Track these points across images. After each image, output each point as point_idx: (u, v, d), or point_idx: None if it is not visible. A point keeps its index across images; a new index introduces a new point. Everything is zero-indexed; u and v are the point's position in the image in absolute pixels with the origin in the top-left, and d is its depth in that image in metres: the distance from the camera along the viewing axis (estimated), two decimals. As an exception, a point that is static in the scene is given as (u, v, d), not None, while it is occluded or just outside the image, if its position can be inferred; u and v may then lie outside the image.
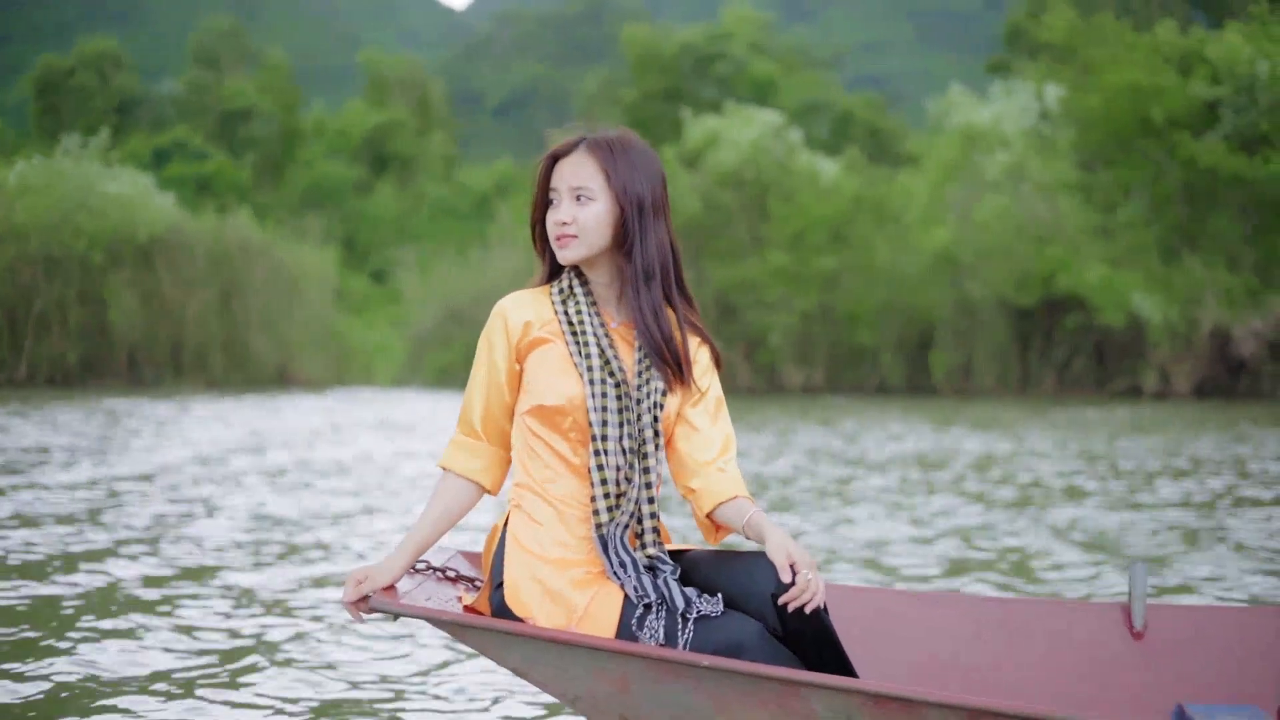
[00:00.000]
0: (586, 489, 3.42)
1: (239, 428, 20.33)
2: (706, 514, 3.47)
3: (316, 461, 14.38)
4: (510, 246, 45.62)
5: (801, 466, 14.03)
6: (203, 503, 10.22)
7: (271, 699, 4.55)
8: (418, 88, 70.95)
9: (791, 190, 40.46)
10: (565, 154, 3.48)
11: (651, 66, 64.54)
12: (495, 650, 3.19)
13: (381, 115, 68.42)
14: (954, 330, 39.31)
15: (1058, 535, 8.82)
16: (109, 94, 66.70)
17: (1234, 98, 37.03)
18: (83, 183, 38.62)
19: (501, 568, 3.42)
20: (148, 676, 4.78)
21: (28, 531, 8.30)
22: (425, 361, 46.76)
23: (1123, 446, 17.05)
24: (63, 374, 39.00)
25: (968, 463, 14.51)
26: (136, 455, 14.35)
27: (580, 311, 3.49)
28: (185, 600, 6.20)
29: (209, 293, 41.03)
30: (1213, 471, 13.43)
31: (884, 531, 8.92)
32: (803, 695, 2.95)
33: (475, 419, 3.48)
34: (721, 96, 62.30)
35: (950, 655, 3.87)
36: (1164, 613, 3.92)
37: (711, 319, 39.64)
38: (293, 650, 5.23)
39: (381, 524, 9.24)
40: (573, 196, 3.45)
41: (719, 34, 63.02)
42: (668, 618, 3.22)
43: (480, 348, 3.49)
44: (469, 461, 3.47)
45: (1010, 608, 3.93)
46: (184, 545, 7.95)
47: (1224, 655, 3.83)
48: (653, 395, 3.44)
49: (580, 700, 3.18)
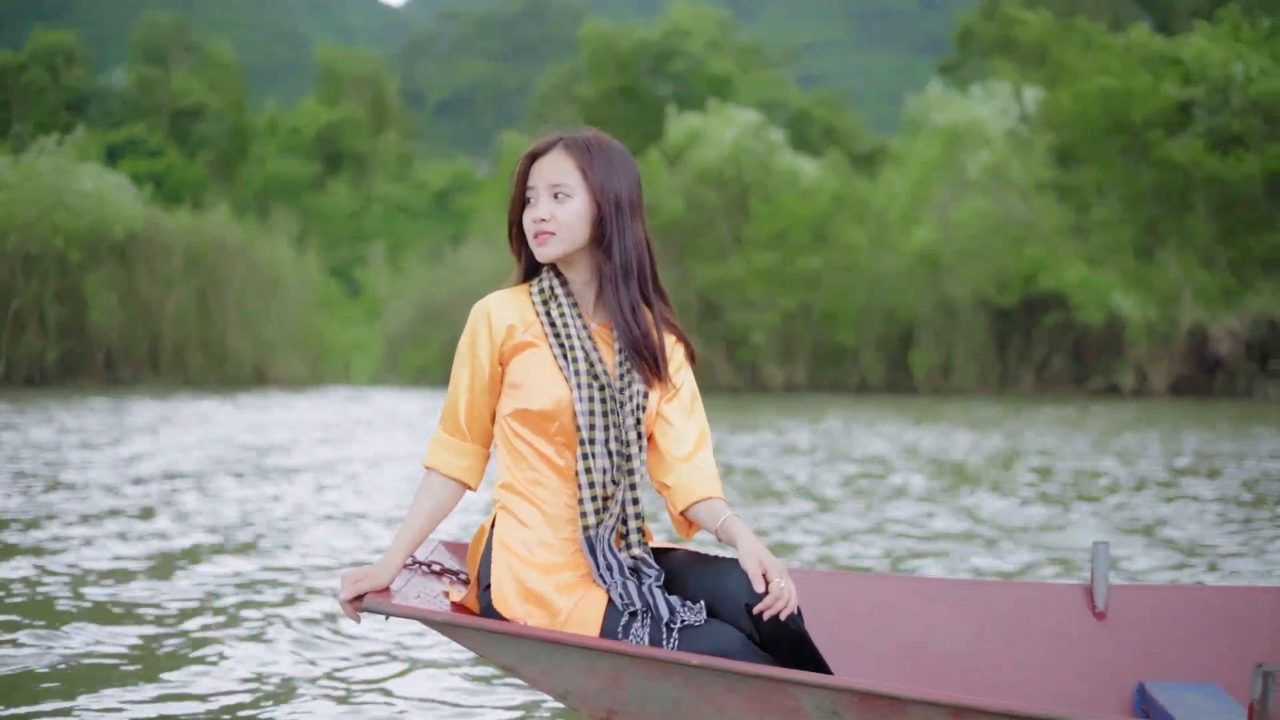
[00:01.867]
0: (571, 490, 3.46)
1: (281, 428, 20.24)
2: (680, 511, 3.52)
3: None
4: (485, 245, 45.53)
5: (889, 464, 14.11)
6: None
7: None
8: (371, 85, 70.53)
9: (773, 189, 40.57)
10: (543, 152, 3.52)
11: (608, 64, 64.51)
12: (487, 648, 3.23)
13: (335, 112, 67.99)
14: (934, 329, 39.58)
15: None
16: (60, 90, 65.85)
17: (1207, 99, 37.52)
18: (58, 180, 38.19)
19: (488, 569, 3.45)
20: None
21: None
22: (403, 361, 46.60)
23: (1168, 442, 17.27)
24: (40, 373, 38.59)
25: (1031, 464, 14.63)
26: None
27: (563, 314, 3.51)
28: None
29: (186, 291, 40.69)
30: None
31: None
32: (790, 693, 3.01)
33: (460, 418, 3.50)
34: (678, 94, 62.49)
35: (915, 637, 3.93)
36: (1125, 593, 3.99)
37: (693, 318, 39.74)
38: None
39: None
40: (551, 194, 3.48)
41: (676, 31, 63.00)
42: (652, 626, 3.26)
43: (462, 347, 3.51)
44: (455, 460, 3.49)
45: (975, 589, 3.99)
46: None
47: (1185, 634, 3.91)
48: (635, 397, 3.49)
49: (570, 695, 3.23)
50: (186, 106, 66.17)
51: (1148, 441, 17.83)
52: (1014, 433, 20.06)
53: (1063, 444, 17.29)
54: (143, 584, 6.48)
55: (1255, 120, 36.83)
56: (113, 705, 4.34)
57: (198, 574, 6.85)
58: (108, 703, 4.37)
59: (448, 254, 47.82)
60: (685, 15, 64.12)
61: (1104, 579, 3.95)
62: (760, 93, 59.89)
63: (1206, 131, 37.33)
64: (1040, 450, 16.16)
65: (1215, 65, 37.16)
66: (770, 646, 3.25)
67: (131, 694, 4.48)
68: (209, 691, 4.54)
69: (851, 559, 7.51)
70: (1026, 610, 3.96)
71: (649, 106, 62.98)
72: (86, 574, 6.72)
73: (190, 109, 66.18)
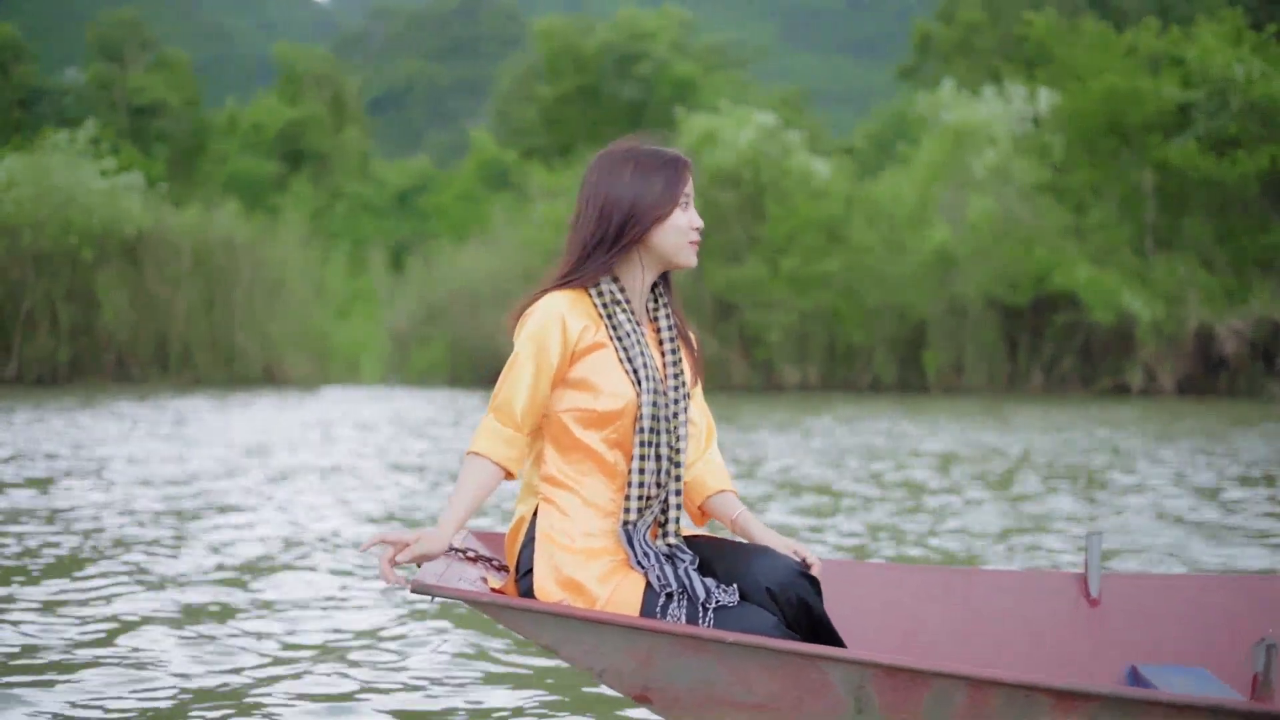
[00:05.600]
0: (615, 485, 3.61)
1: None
2: (698, 504, 3.78)
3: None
4: (483, 246, 45.45)
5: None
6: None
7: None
8: (331, 83, 69.95)
9: (788, 191, 40.75)
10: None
11: (566, 64, 64.36)
12: (531, 629, 3.38)
13: (297, 110, 67.37)
14: (945, 329, 39.95)
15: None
16: (11, 87, 64.70)
17: (1206, 101, 38.08)
18: (70, 177, 37.65)
19: (529, 556, 3.59)
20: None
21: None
22: (411, 360, 46.39)
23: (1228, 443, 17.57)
24: (52, 373, 38.01)
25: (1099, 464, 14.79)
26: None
27: (629, 317, 3.65)
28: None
29: (194, 290, 40.22)
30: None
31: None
32: (820, 668, 3.20)
33: (518, 411, 3.56)
34: (641, 97, 62.55)
35: (917, 623, 4.10)
36: (1118, 581, 4.15)
37: (708, 318, 39.90)
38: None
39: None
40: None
41: (641, 33, 63.02)
42: (689, 606, 3.43)
43: (528, 343, 3.57)
44: (505, 450, 3.56)
45: (973, 578, 4.17)
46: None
47: (1176, 621, 4.09)
48: (682, 399, 3.68)
49: (607, 673, 3.39)
50: (144, 104, 65.36)
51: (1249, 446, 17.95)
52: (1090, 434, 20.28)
53: (1160, 445, 17.39)
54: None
55: (1253, 123, 37.43)
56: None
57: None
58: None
59: (446, 253, 47.50)
60: (647, 17, 64.15)
61: (1097, 568, 4.10)
62: (724, 94, 60.04)
63: (1205, 134, 37.89)
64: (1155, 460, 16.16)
65: (1217, 67, 37.65)
66: (795, 628, 3.45)
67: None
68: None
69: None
70: (1023, 598, 4.12)
71: (608, 108, 63.03)
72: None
73: (148, 106, 65.37)
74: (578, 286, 3.65)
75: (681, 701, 3.36)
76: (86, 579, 6.70)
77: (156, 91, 65.49)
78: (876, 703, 3.20)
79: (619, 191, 3.65)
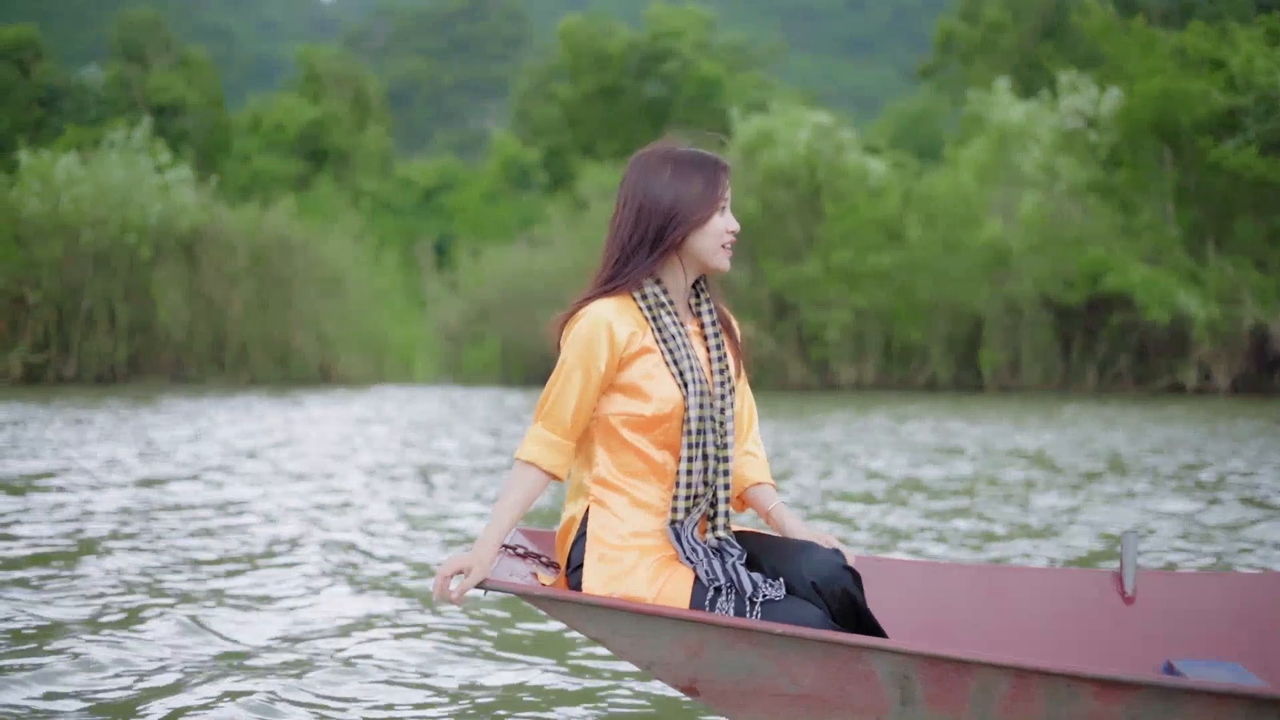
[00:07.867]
0: (663, 485, 3.66)
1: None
2: (736, 495, 3.84)
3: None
4: (528, 246, 45.49)
5: None
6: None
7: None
8: (353, 82, 69.92)
9: (844, 190, 40.84)
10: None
11: (588, 64, 64.41)
12: (582, 622, 3.48)
13: (319, 109, 67.34)
14: (1001, 328, 40.06)
15: None
16: (31, 86, 64.47)
17: (1255, 106, 38.16)
18: (128, 175, 37.56)
19: (579, 553, 3.66)
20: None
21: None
22: (464, 359, 46.40)
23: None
24: (110, 371, 37.91)
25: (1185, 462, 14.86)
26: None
27: (674, 320, 3.68)
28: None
29: (250, 289, 40.15)
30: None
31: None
32: (865, 659, 3.29)
33: (566, 418, 3.61)
34: (666, 97, 62.63)
35: (950, 618, 4.16)
36: (1153, 579, 4.20)
37: (767, 317, 39.98)
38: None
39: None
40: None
41: (666, 32, 63.10)
42: (736, 600, 3.49)
43: (576, 352, 3.60)
44: (555, 458, 3.62)
45: (1011, 575, 4.22)
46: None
47: (1209, 618, 4.13)
48: (728, 394, 3.72)
49: (656, 665, 3.47)
50: (165, 103, 65.20)
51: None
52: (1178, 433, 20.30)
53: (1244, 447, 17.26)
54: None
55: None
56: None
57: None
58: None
59: (494, 253, 47.50)
60: (672, 16, 64.20)
61: (1133, 565, 4.14)
62: (749, 94, 60.14)
63: (1255, 137, 37.96)
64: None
65: (1262, 74, 37.74)
66: (840, 622, 3.52)
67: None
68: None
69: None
70: (1058, 595, 4.17)
71: (629, 108, 63.10)
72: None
73: (169, 105, 65.22)
74: (622, 292, 3.66)
75: (729, 693, 3.44)
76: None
77: (177, 91, 65.36)
78: (922, 694, 3.27)
79: (657, 193, 3.64)
